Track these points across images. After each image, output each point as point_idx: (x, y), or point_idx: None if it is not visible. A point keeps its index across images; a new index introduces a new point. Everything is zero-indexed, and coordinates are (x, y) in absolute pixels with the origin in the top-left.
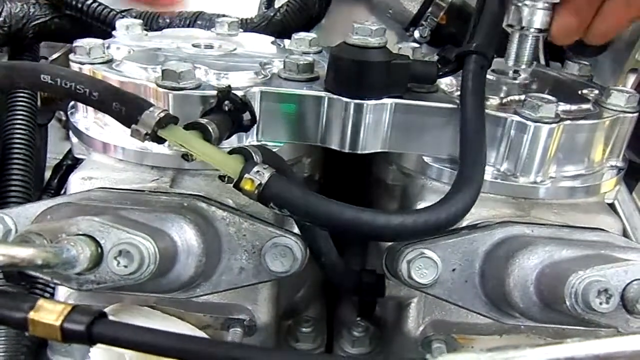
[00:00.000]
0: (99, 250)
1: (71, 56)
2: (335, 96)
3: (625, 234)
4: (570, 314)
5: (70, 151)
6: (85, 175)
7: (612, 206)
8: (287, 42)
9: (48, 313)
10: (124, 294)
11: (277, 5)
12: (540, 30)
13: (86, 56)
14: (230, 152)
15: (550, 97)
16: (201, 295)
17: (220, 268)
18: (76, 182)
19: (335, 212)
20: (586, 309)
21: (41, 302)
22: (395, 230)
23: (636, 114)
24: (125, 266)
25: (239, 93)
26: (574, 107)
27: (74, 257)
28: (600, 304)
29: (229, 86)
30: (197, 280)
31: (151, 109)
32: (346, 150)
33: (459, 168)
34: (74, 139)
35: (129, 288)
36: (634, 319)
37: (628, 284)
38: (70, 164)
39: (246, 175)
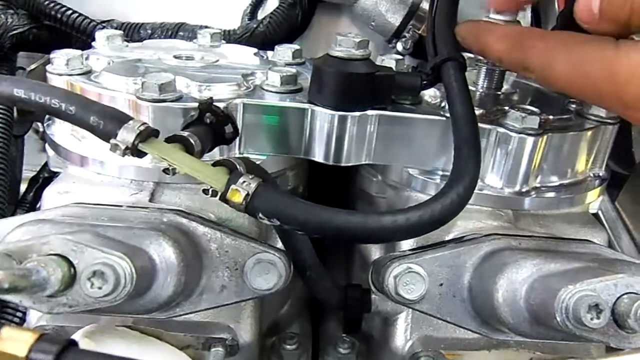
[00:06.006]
0: (72, 270)
1: (48, 67)
2: (318, 108)
3: (609, 244)
4: (561, 329)
5: (47, 164)
6: (61, 189)
7: (595, 216)
8: (270, 53)
9: (13, 342)
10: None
11: (260, 17)
12: (502, 70)
13: (64, 67)
14: (214, 165)
15: (534, 108)
16: (181, 315)
17: (200, 286)
18: (51, 197)
19: (325, 217)
20: (577, 325)
21: (6, 330)
22: (388, 230)
23: (617, 124)
24: (100, 287)
25: (221, 105)
26: (556, 118)
27: (44, 279)
28: (592, 319)
29: (211, 98)
30: (177, 300)
31: (131, 122)
32: (330, 162)
33: (453, 164)
34: (50, 152)
35: (104, 310)
36: (625, 334)
37: (618, 298)
38: (46, 177)
39: (232, 187)
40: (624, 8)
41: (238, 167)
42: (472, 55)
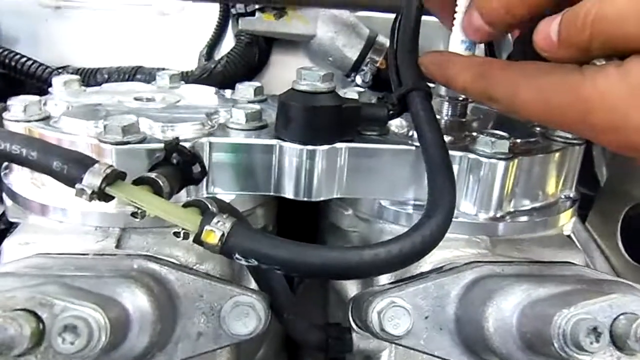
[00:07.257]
0: (41, 326)
1: (5, 114)
2: (286, 144)
3: (586, 265)
4: (559, 356)
5: (4, 214)
6: (22, 240)
7: (569, 238)
8: (230, 92)
9: None
10: None
11: (217, 56)
12: (465, 99)
13: (22, 113)
14: (185, 206)
15: (502, 132)
16: None
17: (176, 334)
18: (11, 249)
19: (305, 255)
20: (576, 350)
21: None
22: (370, 265)
23: (584, 144)
24: (72, 343)
25: (187, 145)
26: (524, 141)
27: (11, 337)
28: (591, 343)
29: (177, 138)
30: (152, 350)
31: (96, 165)
32: (301, 198)
33: (429, 193)
34: (8, 202)
35: None
36: (626, 356)
37: (615, 319)
38: (4, 228)
39: (206, 228)
40: (584, 33)
41: (210, 207)
42: (433, 85)
